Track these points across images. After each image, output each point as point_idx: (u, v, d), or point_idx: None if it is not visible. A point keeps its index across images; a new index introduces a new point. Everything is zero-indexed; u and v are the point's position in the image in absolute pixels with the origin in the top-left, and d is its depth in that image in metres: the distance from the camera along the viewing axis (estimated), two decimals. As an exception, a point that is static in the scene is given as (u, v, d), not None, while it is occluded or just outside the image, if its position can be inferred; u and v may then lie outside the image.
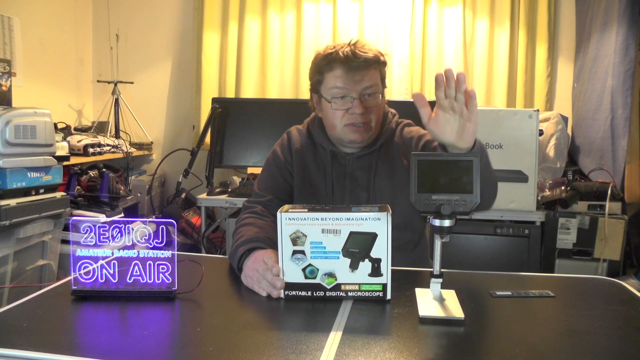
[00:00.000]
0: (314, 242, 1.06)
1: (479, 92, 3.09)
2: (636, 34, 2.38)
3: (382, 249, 1.05)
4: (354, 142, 1.40)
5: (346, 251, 1.06)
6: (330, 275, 1.07)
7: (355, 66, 1.33)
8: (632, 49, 2.37)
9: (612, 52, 2.48)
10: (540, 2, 3.02)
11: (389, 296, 1.07)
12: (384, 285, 1.06)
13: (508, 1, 3.03)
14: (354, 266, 1.06)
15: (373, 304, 1.06)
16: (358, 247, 1.06)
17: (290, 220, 1.06)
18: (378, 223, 1.05)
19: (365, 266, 1.06)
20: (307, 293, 1.08)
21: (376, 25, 3.14)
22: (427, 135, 1.42)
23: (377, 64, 1.36)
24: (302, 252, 1.07)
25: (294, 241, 1.07)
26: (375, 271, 1.06)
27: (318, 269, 1.07)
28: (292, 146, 1.48)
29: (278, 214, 1.07)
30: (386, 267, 1.06)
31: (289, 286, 1.08)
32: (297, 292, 1.08)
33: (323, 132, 1.45)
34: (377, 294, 1.07)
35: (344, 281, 1.07)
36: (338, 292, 1.07)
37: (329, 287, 1.07)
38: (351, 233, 1.05)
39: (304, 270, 1.07)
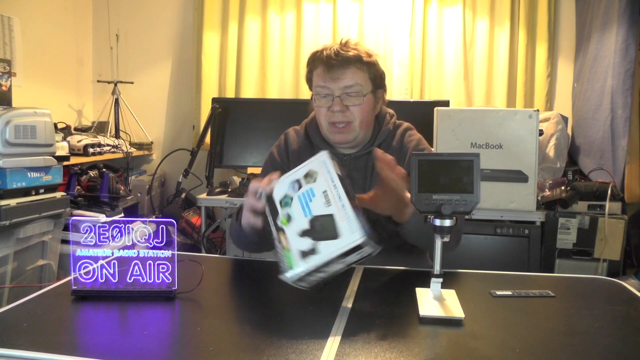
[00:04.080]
0: (312, 190, 1.07)
1: (479, 92, 3.09)
2: (636, 34, 2.38)
3: (327, 252, 0.99)
4: (339, 144, 1.41)
5: (314, 221, 1.03)
6: (289, 218, 1.07)
7: (334, 64, 1.34)
8: (632, 49, 2.37)
9: (612, 52, 2.48)
10: (540, 2, 3.02)
11: (288, 276, 1.01)
12: (292, 269, 1.00)
13: (508, 1, 3.03)
14: (303, 234, 1.03)
15: (373, 303, 1.06)
16: (323, 229, 1.02)
17: (322, 164, 1.09)
18: (351, 234, 0.99)
19: (305, 244, 1.01)
20: (267, 211, 1.10)
21: (376, 25, 3.14)
22: (426, 147, 1.46)
23: (359, 63, 1.35)
24: (300, 186, 1.09)
25: (307, 174, 1.09)
26: (305, 255, 1.00)
27: (291, 206, 1.07)
28: (289, 147, 1.48)
29: (324, 151, 1.10)
30: (312, 263, 0.99)
31: (268, 196, 1.12)
32: (268, 203, 1.11)
33: (320, 132, 1.45)
34: (286, 267, 1.02)
35: (287, 233, 1.05)
36: (275, 233, 1.07)
37: (278, 223, 1.07)
38: (332, 215, 1.02)
39: (285, 195, 1.09)
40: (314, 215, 1.04)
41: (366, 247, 0.99)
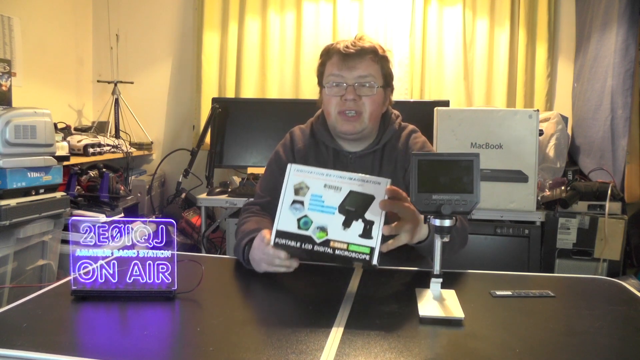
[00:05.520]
0: (315, 194, 1.09)
1: (479, 92, 3.09)
2: (636, 34, 2.37)
3: (376, 213, 1.07)
4: (346, 133, 1.41)
5: (343, 208, 1.08)
6: (322, 229, 1.08)
7: (351, 54, 1.36)
8: (632, 49, 2.37)
9: (612, 52, 2.48)
10: (540, 2, 3.02)
11: (375, 261, 1.06)
12: (372, 249, 1.06)
13: (508, 1, 3.03)
14: (347, 224, 1.07)
15: (373, 303, 1.06)
16: (355, 205, 1.08)
17: (298, 172, 1.11)
18: (377, 187, 1.08)
19: (358, 227, 1.07)
20: (297, 244, 1.09)
21: (376, 25, 3.14)
22: (431, 150, 1.49)
23: (374, 55, 1.38)
24: (302, 202, 1.10)
25: (297, 191, 1.10)
26: (366, 233, 1.07)
27: (312, 221, 1.09)
28: (295, 146, 1.49)
29: (288, 165, 1.12)
30: (377, 232, 1.06)
31: (280, 234, 1.10)
32: (287, 241, 1.10)
33: (326, 129, 1.46)
34: (363, 256, 1.06)
35: (334, 238, 1.07)
36: (326, 248, 1.07)
37: (318, 241, 1.08)
38: (351, 192, 1.08)
39: (299, 220, 1.09)
40: (338, 206, 1.09)
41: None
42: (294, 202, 1.10)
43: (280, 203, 1.11)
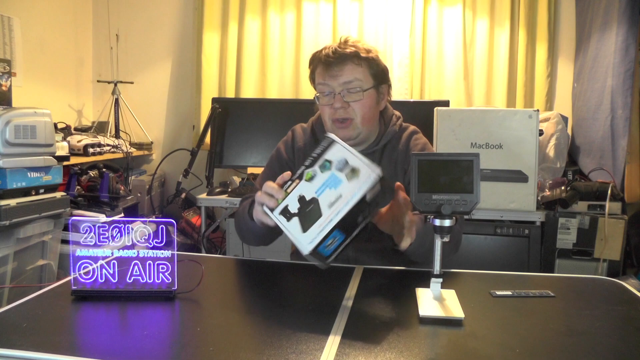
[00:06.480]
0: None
1: (479, 92, 3.09)
2: (636, 34, 2.37)
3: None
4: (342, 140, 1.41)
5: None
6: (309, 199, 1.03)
7: (332, 62, 1.36)
8: (632, 49, 2.37)
9: (612, 52, 2.48)
10: (540, 2, 3.02)
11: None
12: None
13: (508, 1, 3.03)
14: (305, 223, 1.00)
15: (373, 303, 1.06)
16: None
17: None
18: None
19: (313, 230, 0.99)
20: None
21: (376, 25, 3.14)
22: (430, 151, 1.48)
23: (356, 59, 1.36)
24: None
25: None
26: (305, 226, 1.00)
27: (314, 182, 1.04)
28: (295, 144, 1.49)
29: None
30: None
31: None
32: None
33: (325, 130, 1.46)
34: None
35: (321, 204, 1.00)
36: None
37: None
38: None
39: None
40: (327, 209, 0.99)
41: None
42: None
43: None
